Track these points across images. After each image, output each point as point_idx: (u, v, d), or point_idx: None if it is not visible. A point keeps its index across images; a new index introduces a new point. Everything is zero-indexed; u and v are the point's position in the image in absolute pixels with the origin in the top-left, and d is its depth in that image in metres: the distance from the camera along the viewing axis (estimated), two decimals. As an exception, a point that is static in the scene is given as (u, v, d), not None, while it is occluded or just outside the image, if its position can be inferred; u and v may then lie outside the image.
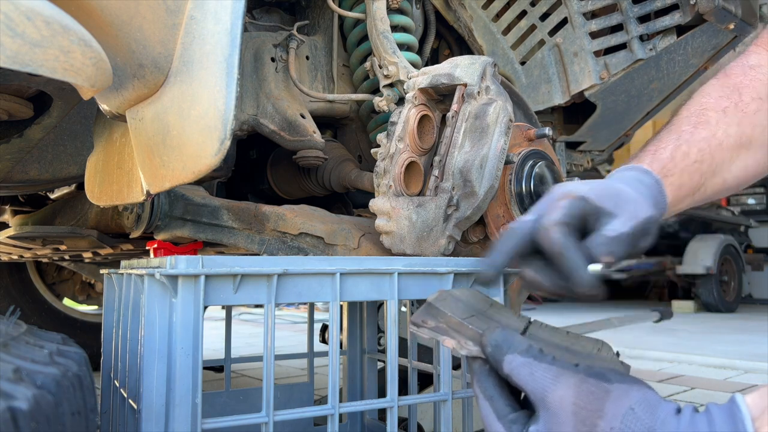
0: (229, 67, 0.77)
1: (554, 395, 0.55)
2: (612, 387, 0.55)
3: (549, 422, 0.56)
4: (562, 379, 0.56)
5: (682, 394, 2.59)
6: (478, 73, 1.03)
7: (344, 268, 0.85)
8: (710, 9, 1.40)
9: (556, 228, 0.67)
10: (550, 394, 0.56)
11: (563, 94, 1.56)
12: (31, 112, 1.21)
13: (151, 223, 1.34)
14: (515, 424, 0.59)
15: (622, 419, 0.53)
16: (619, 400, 0.54)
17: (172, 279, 0.75)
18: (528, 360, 0.58)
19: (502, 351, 0.60)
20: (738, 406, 0.51)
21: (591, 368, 0.57)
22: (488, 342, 0.61)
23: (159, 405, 0.74)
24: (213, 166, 0.78)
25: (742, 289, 7.28)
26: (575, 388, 0.55)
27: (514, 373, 0.59)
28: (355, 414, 1.39)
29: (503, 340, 0.61)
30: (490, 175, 0.99)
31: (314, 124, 1.27)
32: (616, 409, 0.53)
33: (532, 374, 0.57)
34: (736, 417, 0.51)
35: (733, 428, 0.50)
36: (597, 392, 0.54)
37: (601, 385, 0.55)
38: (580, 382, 0.55)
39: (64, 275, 3.09)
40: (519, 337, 0.61)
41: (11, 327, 0.66)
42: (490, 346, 0.61)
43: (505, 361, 0.59)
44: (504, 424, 0.59)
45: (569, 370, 0.56)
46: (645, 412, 0.53)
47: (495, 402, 0.61)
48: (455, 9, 1.50)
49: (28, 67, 0.59)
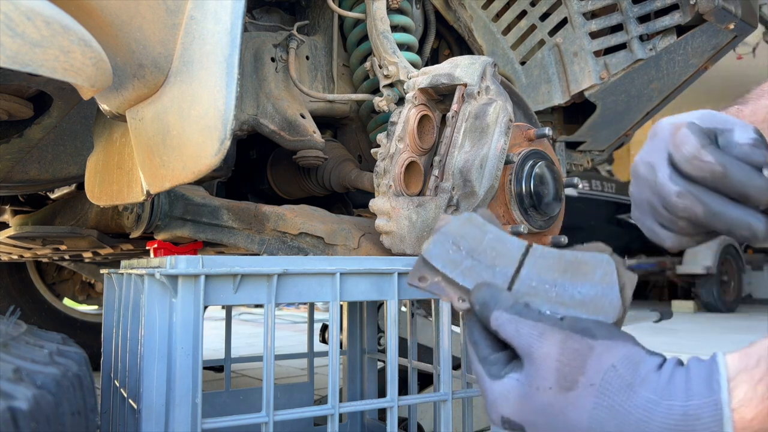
0: (229, 67, 0.77)
1: (539, 351, 0.57)
2: (596, 343, 0.56)
3: (531, 375, 0.57)
4: (546, 336, 0.57)
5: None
6: (478, 73, 1.03)
7: (344, 268, 0.85)
8: (710, 9, 1.40)
9: (704, 151, 0.60)
10: (535, 350, 0.57)
11: (563, 94, 1.56)
12: (31, 112, 1.21)
13: (151, 223, 1.34)
14: (494, 365, 0.61)
15: (603, 376, 0.54)
16: (602, 357, 0.55)
17: (172, 279, 0.75)
18: (513, 317, 0.59)
19: (488, 308, 0.61)
20: (717, 365, 0.52)
21: (576, 323, 0.58)
22: (475, 301, 0.63)
23: (159, 405, 0.74)
24: (213, 166, 0.78)
25: (742, 289, 7.28)
26: (559, 345, 0.56)
27: (500, 329, 0.60)
28: (355, 414, 1.40)
29: (490, 298, 0.62)
30: (490, 175, 0.99)
31: (314, 124, 1.27)
32: (597, 366, 0.54)
33: (518, 330, 0.59)
34: (713, 377, 0.51)
35: (708, 388, 0.51)
36: (581, 349, 0.55)
37: (585, 341, 0.56)
38: (565, 338, 0.56)
39: (64, 275, 3.09)
40: (505, 294, 0.63)
41: (11, 327, 0.66)
42: (477, 304, 0.63)
43: (491, 318, 0.61)
44: (484, 366, 0.61)
45: (554, 326, 0.57)
46: (626, 369, 0.54)
47: (478, 346, 0.63)
48: (455, 9, 1.50)
49: (28, 67, 0.59)
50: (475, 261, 0.69)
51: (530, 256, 0.69)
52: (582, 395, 0.54)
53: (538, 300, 0.64)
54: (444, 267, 0.69)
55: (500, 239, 0.71)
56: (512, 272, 0.68)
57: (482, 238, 0.71)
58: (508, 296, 0.62)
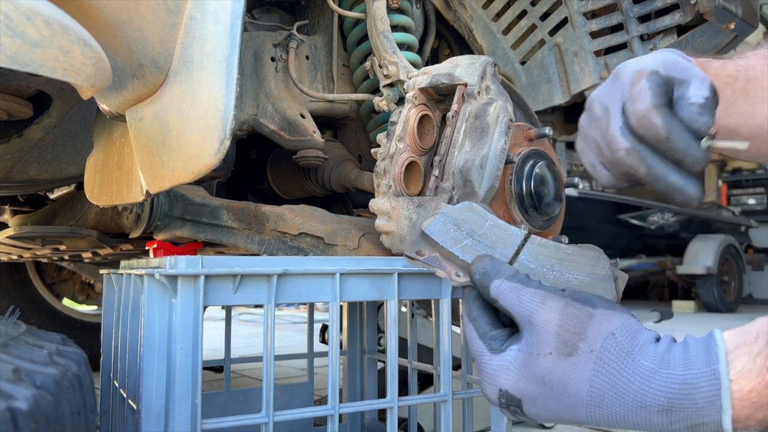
0: (228, 67, 0.77)
1: (540, 317, 0.57)
2: (596, 312, 0.57)
3: (532, 341, 0.57)
4: (548, 303, 0.58)
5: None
6: (478, 72, 1.02)
7: (344, 268, 0.85)
8: (711, 9, 1.40)
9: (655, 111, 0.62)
10: (536, 316, 0.57)
11: (563, 94, 1.56)
12: (30, 112, 1.21)
13: (150, 223, 1.34)
14: (495, 340, 0.61)
15: (602, 342, 0.55)
16: (601, 325, 0.56)
17: (172, 279, 0.74)
18: (515, 284, 0.60)
19: (489, 277, 0.62)
20: (714, 340, 0.53)
21: (577, 293, 0.58)
22: (476, 270, 0.63)
23: (159, 405, 0.74)
24: (213, 166, 0.78)
25: (742, 289, 7.28)
26: (560, 311, 0.57)
27: (501, 297, 0.60)
28: (355, 414, 1.39)
29: (491, 268, 0.62)
30: (490, 175, 0.98)
31: (314, 124, 1.27)
32: (597, 333, 0.55)
33: (519, 297, 0.59)
34: (711, 349, 0.52)
35: (706, 359, 0.52)
36: (581, 316, 0.56)
37: (585, 309, 0.57)
38: (566, 305, 0.57)
39: (64, 275, 3.09)
40: (506, 265, 0.63)
41: (11, 327, 0.66)
42: (478, 273, 0.63)
43: (492, 286, 0.61)
44: (484, 341, 0.61)
45: (555, 294, 0.58)
46: (625, 337, 0.55)
47: (477, 322, 0.63)
48: (455, 9, 1.50)
49: (27, 66, 0.59)
50: (475, 241, 0.69)
51: (529, 244, 0.70)
52: (582, 361, 0.55)
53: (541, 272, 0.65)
54: (444, 242, 0.70)
55: (500, 226, 0.72)
56: (511, 255, 0.68)
57: (482, 224, 0.71)
58: (509, 267, 0.63)
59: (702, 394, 0.51)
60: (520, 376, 0.57)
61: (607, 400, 0.54)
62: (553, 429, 2.00)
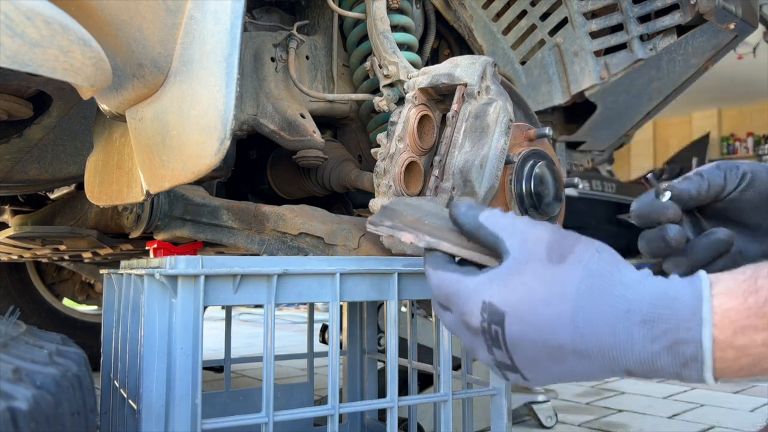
0: (228, 67, 0.77)
1: (532, 234, 0.60)
2: (582, 237, 0.61)
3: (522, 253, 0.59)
4: (539, 225, 0.62)
5: (683, 394, 2.59)
6: (478, 73, 1.02)
7: (344, 268, 0.85)
8: (710, 9, 1.40)
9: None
10: (529, 233, 0.61)
11: (563, 94, 1.56)
12: (30, 112, 1.21)
13: (150, 223, 1.34)
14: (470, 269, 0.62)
15: (589, 256, 0.58)
16: (588, 245, 0.59)
17: (172, 279, 0.74)
18: (508, 213, 0.64)
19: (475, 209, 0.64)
20: (699, 278, 0.54)
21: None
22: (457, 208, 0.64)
23: (159, 405, 0.74)
24: (213, 166, 0.78)
25: (742, 289, 7.26)
26: (551, 231, 0.61)
27: (491, 221, 0.62)
28: (355, 414, 1.39)
29: (475, 204, 0.65)
30: (490, 175, 0.98)
31: (314, 124, 1.27)
32: (585, 249, 0.59)
33: (513, 221, 0.62)
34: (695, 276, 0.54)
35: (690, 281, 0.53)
36: (569, 237, 0.60)
37: (572, 234, 0.61)
38: (556, 229, 0.61)
39: (64, 275, 3.09)
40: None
41: (11, 327, 0.66)
42: (464, 206, 0.64)
43: (481, 216, 0.63)
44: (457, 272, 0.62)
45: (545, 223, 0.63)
46: (611, 255, 0.59)
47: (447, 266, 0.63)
48: (455, 9, 1.50)
49: (27, 67, 0.59)
50: (437, 217, 0.69)
51: None
52: (570, 268, 0.57)
53: None
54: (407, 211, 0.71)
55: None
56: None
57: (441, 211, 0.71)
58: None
59: (683, 304, 0.52)
60: (507, 282, 0.58)
61: (594, 303, 0.55)
62: (553, 429, 2.00)
